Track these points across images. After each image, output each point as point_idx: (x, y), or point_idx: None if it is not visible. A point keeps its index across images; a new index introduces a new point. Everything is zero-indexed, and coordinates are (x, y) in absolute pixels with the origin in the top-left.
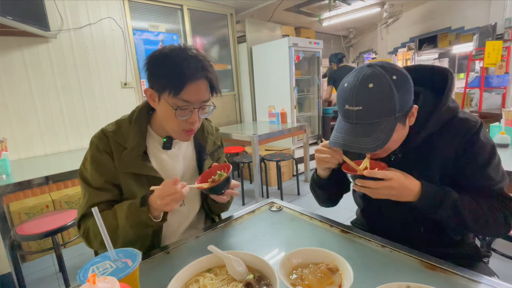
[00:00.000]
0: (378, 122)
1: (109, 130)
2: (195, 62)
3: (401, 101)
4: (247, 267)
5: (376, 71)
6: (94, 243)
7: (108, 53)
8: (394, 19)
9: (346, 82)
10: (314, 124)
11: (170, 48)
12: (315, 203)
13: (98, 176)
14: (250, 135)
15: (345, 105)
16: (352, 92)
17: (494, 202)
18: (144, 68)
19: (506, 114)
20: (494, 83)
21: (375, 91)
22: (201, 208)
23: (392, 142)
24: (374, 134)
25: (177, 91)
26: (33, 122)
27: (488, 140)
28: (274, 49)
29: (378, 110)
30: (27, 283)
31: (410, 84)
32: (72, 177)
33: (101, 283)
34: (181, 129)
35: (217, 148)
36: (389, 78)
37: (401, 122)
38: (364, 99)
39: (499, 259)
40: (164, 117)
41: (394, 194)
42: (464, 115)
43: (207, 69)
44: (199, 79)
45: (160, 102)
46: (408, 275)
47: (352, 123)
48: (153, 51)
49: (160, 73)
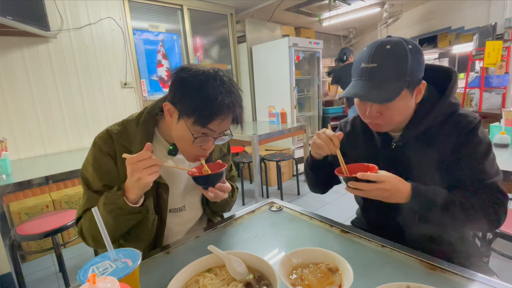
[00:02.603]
0: (389, 80)
1: (115, 131)
2: (228, 97)
3: (413, 67)
4: (247, 267)
5: (395, 38)
6: (88, 240)
7: (108, 53)
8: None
9: (365, 47)
10: (314, 124)
11: (206, 75)
12: (315, 203)
13: (97, 179)
14: (250, 135)
15: (361, 63)
16: (370, 52)
17: (485, 197)
18: (170, 82)
19: (506, 114)
20: (494, 83)
21: (392, 52)
22: (203, 214)
23: (397, 110)
24: (384, 89)
25: (204, 123)
26: (33, 122)
27: (485, 136)
28: (274, 49)
29: (391, 69)
30: (27, 283)
31: (423, 58)
32: (72, 177)
33: (101, 283)
34: (194, 153)
35: (223, 156)
36: (406, 45)
37: (409, 89)
38: (380, 57)
39: (499, 259)
40: (178, 137)
41: (387, 196)
42: (464, 112)
43: (238, 105)
44: (229, 115)
45: (178, 122)
46: (408, 275)
47: (365, 79)
48: (185, 68)
49: (190, 99)
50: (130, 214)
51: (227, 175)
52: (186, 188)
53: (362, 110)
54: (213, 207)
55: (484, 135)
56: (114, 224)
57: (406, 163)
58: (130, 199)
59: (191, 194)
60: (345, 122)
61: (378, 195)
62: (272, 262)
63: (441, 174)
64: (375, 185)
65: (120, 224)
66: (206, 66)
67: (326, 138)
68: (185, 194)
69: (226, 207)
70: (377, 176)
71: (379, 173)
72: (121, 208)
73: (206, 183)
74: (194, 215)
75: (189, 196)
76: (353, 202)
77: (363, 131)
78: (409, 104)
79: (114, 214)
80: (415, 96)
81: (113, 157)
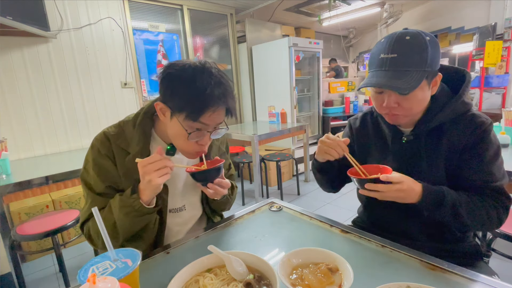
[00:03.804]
0: (409, 70)
1: (112, 134)
2: (218, 88)
3: (432, 57)
4: (247, 267)
5: (412, 30)
6: (97, 241)
7: (108, 53)
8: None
9: (383, 39)
10: (314, 124)
11: (193, 69)
12: (315, 203)
13: (100, 181)
14: (250, 135)
15: (380, 54)
16: (389, 43)
17: (490, 199)
18: (159, 80)
19: (506, 114)
20: (494, 83)
21: (411, 42)
22: (203, 214)
23: (416, 101)
24: (404, 79)
25: (196, 117)
26: (33, 122)
27: (496, 139)
28: (274, 49)
29: (411, 58)
30: (27, 283)
31: (440, 50)
32: (72, 177)
33: (101, 283)
34: (191, 150)
35: (222, 154)
36: (424, 36)
37: (427, 80)
38: (400, 47)
39: (499, 259)
40: (173, 135)
41: (402, 196)
42: (477, 112)
43: (229, 95)
44: (220, 106)
45: (172, 120)
46: (408, 275)
47: (385, 70)
48: (172, 65)
49: (179, 95)
50: (145, 215)
51: (226, 174)
52: (185, 188)
53: (379, 101)
54: (213, 205)
55: (495, 138)
56: (130, 226)
57: (416, 158)
58: (144, 200)
59: (191, 193)
60: (354, 118)
61: (394, 196)
62: (272, 262)
63: (449, 172)
64: (394, 186)
65: (135, 225)
66: (193, 60)
67: (333, 143)
68: (185, 194)
69: (226, 206)
70: (397, 177)
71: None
72: (137, 211)
73: (205, 179)
74: (194, 214)
75: (188, 195)
76: (353, 202)
77: (373, 126)
78: (426, 95)
79: (131, 216)
80: (431, 87)
81: (112, 159)
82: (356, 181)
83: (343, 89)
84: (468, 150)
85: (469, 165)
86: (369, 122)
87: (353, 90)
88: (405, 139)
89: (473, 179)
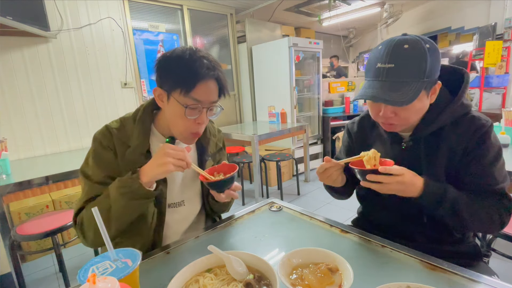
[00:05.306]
0: (406, 82)
1: (113, 127)
2: (206, 62)
3: (431, 67)
4: (247, 267)
5: (412, 37)
6: (88, 233)
7: (108, 53)
8: (394, 19)
9: (381, 45)
10: (314, 124)
11: (182, 50)
12: (315, 203)
13: (99, 170)
14: (250, 135)
15: (377, 63)
16: (386, 51)
17: (492, 201)
18: (154, 68)
19: (506, 114)
20: (494, 83)
21: (410, 51)
22: (202, 209)
23: (414, 111)
24: (402, 91)
25: (189, 89)
26: (33, 122)
27: (496, 141)
28: (274, 49)
29: (409, 69)
30: (27, 283)
31: (440, 57)
32: (72, 177)
33: (101, 283)
34: (189, 131)
35: (219, 150)
36: (424, 45)
37: (426, 90)
38: (398, 57)
39: (499, 259)
40: (172, 116)
41: (402, 189)
42: (477, 114)
43: (217, 68)
44: (210, 78)
45: (169, 102)
46: (408, 275)
47: (382, 80)
48: (165, 53)
49: (172, 73)
50: (142, 199)
51: None
52: (184, 182)
53: (376, 110)
54: (214, 206)
55: (495, 140)
56: (124, 209)
57: (416, 163)
58: (143, 181)
59: (190, 188)
60: (352, 123)
61: (395, 188)
62: (272, 262)
63: (450, 176)
64: (395, 178)
65: (129, 209)
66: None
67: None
68: (184, 188)
69: (227, 207)
70: (398, 169)
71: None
72: (135, 191)
73: (222, 187)
74: (193, 210)
75: (187, 190)
76: (353, 202)
77: (371, 130)
78: (425, 104)
79: (127, 197)
80: (430, 96)
81: (113, 150)
82: (358, 172)
83: (343, 89)
84: (468, 154)
85: (470, 168)
86: (367, 126)
87: (353, 90)
88: (404, 145)
89: (474, 183)
